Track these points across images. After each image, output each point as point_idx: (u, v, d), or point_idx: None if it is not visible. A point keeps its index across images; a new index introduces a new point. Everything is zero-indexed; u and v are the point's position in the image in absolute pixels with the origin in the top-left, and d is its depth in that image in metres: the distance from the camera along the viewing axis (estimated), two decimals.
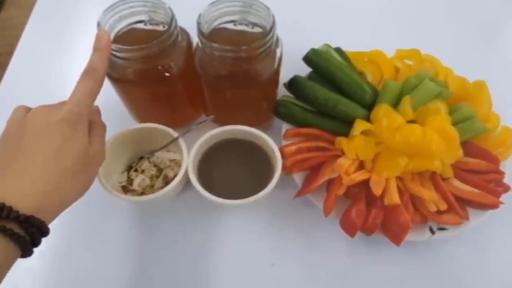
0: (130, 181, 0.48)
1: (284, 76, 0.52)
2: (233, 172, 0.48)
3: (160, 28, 0.45)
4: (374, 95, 0.50)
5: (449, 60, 0.54)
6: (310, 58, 0.52)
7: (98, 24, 0.41)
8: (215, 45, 0.41)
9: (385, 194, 0.44)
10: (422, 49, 0.55)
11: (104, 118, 0.57)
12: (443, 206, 0.44)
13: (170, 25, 0.41)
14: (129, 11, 0.44)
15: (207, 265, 0.47)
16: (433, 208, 0.44)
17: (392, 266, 0.46)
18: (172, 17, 0.42)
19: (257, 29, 0.45)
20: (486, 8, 0.71)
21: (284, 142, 0.50)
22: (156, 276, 0.46)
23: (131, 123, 0.54)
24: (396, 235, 0.43)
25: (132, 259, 0.47)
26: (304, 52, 0.52)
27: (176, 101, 0.50)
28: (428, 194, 0.43)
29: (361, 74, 0.54)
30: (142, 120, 0.53)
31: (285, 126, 0.51)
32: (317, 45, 0.55)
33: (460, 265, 0.47)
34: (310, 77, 0.53)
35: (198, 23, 0.41)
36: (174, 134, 0.46)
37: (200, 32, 0.41)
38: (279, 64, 0.46)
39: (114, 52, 0.42)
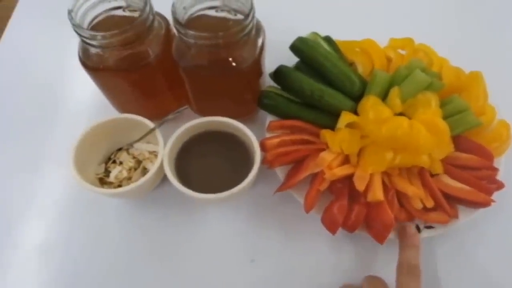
0: (107, 173, 0.47)
1: (271, 65, 0.50)
2: (212, 165, 0.46)
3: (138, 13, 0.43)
4: (363, 86, 0.47)
5: (447, 50, 0.51)
6: (297, 47, 0.49)
7: (69, 12, 0.40)
8: (191, 32, 0.39)
9: (368, 189, 0.42)
10: (419, 38, 0.52)
11: (85, 107, 0.56)
12: (430, 203, 0.41)
13: (143, 10, 0.40)
14: None
15: (184, 260, 0.45)
16: (418, 205, 0.41)
17: (376, 264, 0.44)
18: (146, 2, 0.40)
19: (240, 16, 0.43)
20: None
21: (268, 135, 0.48)
22: (133, 271, 0.45)
23: (113, 113, 0.52)
24: (379, 232, 0.41)
25: (109, 254, 0.46)
26: (293, 40, 0.50)
27: (156, 91, 0.48)
28: (412, 190, 0.41)
29: (351, 64, 0.52)
30: (122, 110, 0.52)
31: (269, 118, 0.49)
32: (307, 33, 0.53)
33: (448, 265, 0.44)
34: (297, 67, 0.51)
35: (173, 11, 0.39)
36: (151, 125, 0.44)
37: (175, 20, 0.39)
38: (260, 53, 0.44)
39: (88, 40, 0.40)
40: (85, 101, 0.57)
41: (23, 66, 0.61)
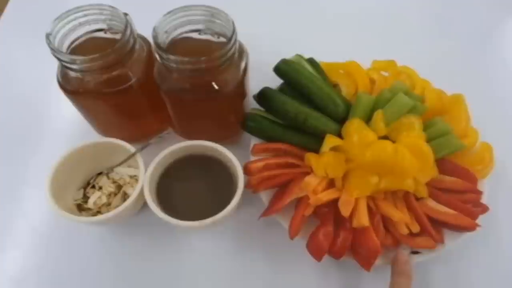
0: (86, 198, 0.45)
1: (256, 87, 0.50)
2: (195, 190, 0.45)
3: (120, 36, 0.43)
4: (347, 108, 0.47)
5: (428, 72, 0.51)
6: (281, 69, 0.49)
7: (47, 36, 0.39)
8: (172, 57, 0.38)
9: (354, 215, 0.41)
10: (401, 59, 0.53)
11: (66, 131, 0.55)
12: (416, 228, 0.41)
13: (124, 33, 0.39)
14: (84, 19, 0.41)
15: (167, 286, 0.44)
16: (404, 231, 0.41)
17: None
18: (127, 25, 0.39)
19: (223, 39, 0.43)
20: (467, 19, 0.68)
21: (252, 158, 0.47)
22: None
23: (94, 135, 0.51)
24: (365, 259, 0.40)
25: (89, 281, 0.44)
26: (277, 61, 0.49)
27: (137, 113, 0.48)
28: (398, 216, 0.40)
29: (335, 86, 0.52)
30: (103, 132, 0.50)
31: (254, 141, 0.49)
32: (291, 55, 0.53)
33: None
34: (281, 89, 0.51)
35: (153, 35, 0.39)
36: (132, 149, 0.43)
37: (156, 44, 0.39)
38: (243, 76, 0.43)
39: (67, 64, 0.39)
40: (64, 123, 0.55)
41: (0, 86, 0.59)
